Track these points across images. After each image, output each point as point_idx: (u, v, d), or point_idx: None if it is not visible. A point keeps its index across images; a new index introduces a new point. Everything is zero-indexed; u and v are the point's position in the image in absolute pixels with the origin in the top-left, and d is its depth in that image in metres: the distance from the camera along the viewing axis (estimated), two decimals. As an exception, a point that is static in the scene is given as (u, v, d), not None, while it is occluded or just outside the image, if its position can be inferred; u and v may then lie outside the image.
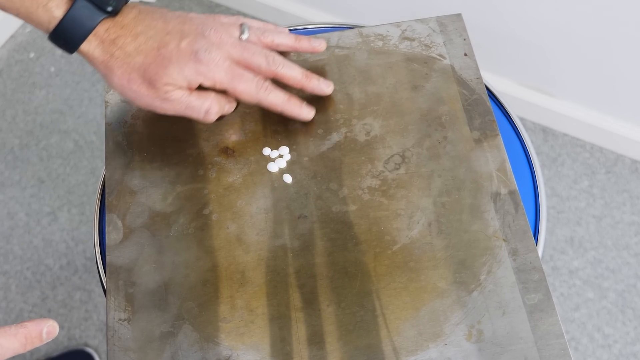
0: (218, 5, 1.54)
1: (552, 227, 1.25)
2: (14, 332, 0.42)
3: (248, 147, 0.60)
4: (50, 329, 0.44)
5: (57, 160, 1.37)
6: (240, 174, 0.59)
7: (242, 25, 0.59)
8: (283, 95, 0.59)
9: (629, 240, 1.23)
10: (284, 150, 0.60)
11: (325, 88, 0.61)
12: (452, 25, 0.66)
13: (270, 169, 0.59)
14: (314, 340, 0.51)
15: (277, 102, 0.59)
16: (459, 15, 0.66)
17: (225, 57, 0.56)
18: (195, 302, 0.53)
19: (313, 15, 1.41)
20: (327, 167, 0.59)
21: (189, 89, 0.57)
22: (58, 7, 0.55)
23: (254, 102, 0.58)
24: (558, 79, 1.26)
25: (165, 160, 0.60)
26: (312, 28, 0.72)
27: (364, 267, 0.53)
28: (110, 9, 0.55)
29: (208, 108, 0.57)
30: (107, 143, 0.62)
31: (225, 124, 0.62)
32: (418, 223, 0.55)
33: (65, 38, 0.55)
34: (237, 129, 0.62)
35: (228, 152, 0.60)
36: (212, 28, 0.57)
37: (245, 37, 0.59)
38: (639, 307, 1.17)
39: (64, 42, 0.56)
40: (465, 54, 0.64)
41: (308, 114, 0.60)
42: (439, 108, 0.61)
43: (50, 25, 0.55)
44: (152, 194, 0.59)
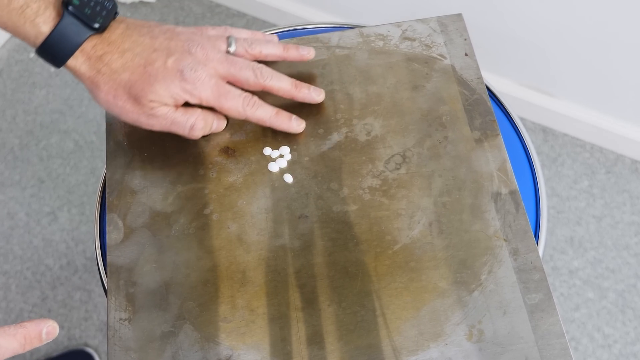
0: (218, 5, 1.54)
1: (552, 227, 1.25)
2: (13, 332, 0.42)
3: (249, 146, 0.60)
4: (50, 330, 0.44)
5: (57, 160, 1.37)
6: (241, 174, 0.59)
7: (229, 38, 0.59)
8: (271, 110, 0.59)
9: (629, 240, 1.23)
10: (285, 150, 0.60)
11: (316, 96, 0.61)
12: (452, 25, 0.66)
13: (271, 169, 0.59)
14: (315, 340, 0.51)
15: (264, 117, 0.59)
16: (460, 15, 0.66)
17: (212, 74, 0.57)
18: (196, 301, 0.53)
19: (313, 15, 1.41)
20: (327, 167, 0.59)
21: (175, 106, 0.57)
22: (45, 22, 0.55)
23: (242, 118, 0.59)
24: (558, 79, 1.26)
25: (166, 160, 0.60)
26: (312, 28, 0.72)
27: (365, 267, 0.53)
28: (98, 26, 0.55)
29: (193, 124, 0.57)
30: (107, 143, 0.62)
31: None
32: (419, 223, 0.55)
33: (52, 53, 0.55)
34: (237, 129, 0.62)
35: (229, 152, 0.60)
36: (198, 44, 0.57)
37: (233, 49, 0.59)
38: (639, 307, 1.17)
39: (51, 57, 0.56)
40: (466, 54, 0.64)
41: (298, 127, 0.60)
42: (440, 108, 0.61)
43: (37, 41, 0.55)
44: (152, 194, 0.59)
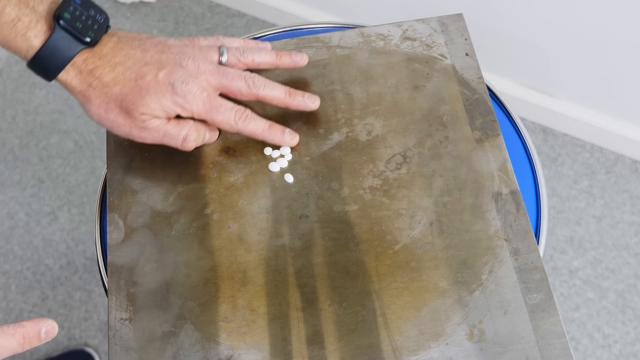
0: (218, 5, 1.54)
1: (552, 227, 1.25)
2: (12, 331, 0.42)
3: (249, 146, 0.60)
4: (49, 329, 0.44)
5: (57, 160, 1.37)
6: (242, 174, 0.59)
7: (220, 47, 0.59)
8: (264, 124, 0.59)
9: (629, 240, 1.23)
10: (285, 150, 0.60)
11: (311, 104, 0.61)
12: (453, 25, 0.66)
13: (272, 169, 0.59)
14: (315, 340, 0.51)
15: (257, 131, 0.58)
16: (460, 15, 0.66)
17: (204, 87, 0.56)
18: (197, 301, 0.53)
19: (313, 15, 1.41)
20: (328, 166, 0.59)
21: (167, 118, 0.57)
22: (37, 36, 0.54)
23: (234, 131, 0.59)
24: (558, 79, 1.26)
25: (167, 160, 0.60)
26: (312, 28, 0.72)
27: (365, 266, 0.53)
28: (89, 40, 0.55)
29: (185, 135, 0.57)
30: (108, 143, 0.62)
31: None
32: (419, 223, 0.55)
33: (43, 67, 0.55)
34: (238, 129, 0.62)
35: (229, 151, 0.60)
36: (190, 57, 0.57)
37: (225, 59, 0.59)
38: (639, 307, 1.17)
39: (42, 71, 0.55)
40: (467, 54, 0.64)
41: (291, 141, 0.60)
42: (440, 108, 0.61)
43: (28, 54, 0.55)
44: (153, 194, 0.59)
